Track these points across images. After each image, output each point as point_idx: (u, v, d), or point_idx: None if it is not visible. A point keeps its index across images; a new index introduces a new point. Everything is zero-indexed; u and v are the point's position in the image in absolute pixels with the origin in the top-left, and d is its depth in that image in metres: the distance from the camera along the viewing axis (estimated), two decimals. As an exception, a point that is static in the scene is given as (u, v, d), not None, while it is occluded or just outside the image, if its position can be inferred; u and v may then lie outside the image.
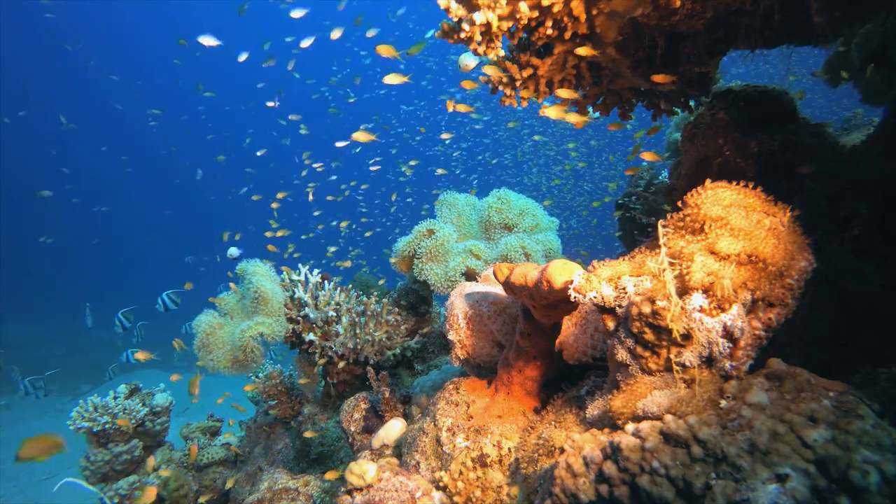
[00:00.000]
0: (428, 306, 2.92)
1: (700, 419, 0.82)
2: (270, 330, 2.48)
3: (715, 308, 0.91)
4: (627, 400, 0.95)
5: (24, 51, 25.98)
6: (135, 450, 3.14)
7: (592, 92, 1.70)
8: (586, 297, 1.05)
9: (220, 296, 2.71)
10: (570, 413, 1.24)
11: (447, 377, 1.93)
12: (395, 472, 1.45)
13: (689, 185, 1.28)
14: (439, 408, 1.56)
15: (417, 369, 2.80)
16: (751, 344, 0.94)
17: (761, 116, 1.60)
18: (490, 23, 1.28)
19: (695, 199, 1.05)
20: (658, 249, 1.00)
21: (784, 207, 1.03)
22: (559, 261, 1.16)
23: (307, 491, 2.17)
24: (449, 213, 2.95)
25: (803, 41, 1.49)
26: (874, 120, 2.78)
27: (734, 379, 0.91)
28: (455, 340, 1.66)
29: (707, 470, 0.77)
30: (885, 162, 1.48)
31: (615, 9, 1.32)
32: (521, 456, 1.28)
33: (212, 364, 2.49)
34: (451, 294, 1.73)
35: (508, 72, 1.56)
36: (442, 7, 1.31)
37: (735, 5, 1.34)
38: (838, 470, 0.71)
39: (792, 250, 0.97)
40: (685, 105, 1.75)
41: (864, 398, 0.82)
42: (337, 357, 2.63)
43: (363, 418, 2.14)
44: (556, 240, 2.74)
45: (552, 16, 1.33)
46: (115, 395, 3.21)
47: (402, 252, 2.71)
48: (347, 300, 2.71)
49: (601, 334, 1.29)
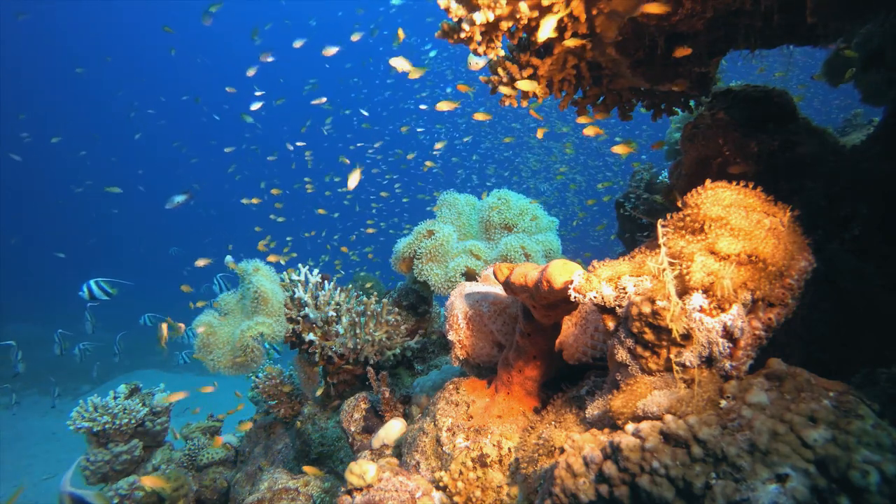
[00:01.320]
0: (428, 306, 2.92)
1: (700, 419, 0.82)
2: (270, 330, 2.48)
3: (715, 308, 0.91)
4: (627, 400, 0.95)
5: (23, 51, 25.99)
6: (135, 450, 3.14)
7: (592, 92, 1.70)
8: (586, 297, 1.05)
9: (220, 296, 2.71)
10: (570, 413, 1.24)
11: (447, 377, 1.93)
12: (395, 472, 1.45)
13: (689, 185, 1.28)
14: (439, 408, 1.56)
15: (417, 369, 2.80)
16: (751, 344, 0.94)
17: (761, 116, 1.60)
18: (490, 22, 1.28)
19: (695, 199, 1.05)
20: (658, 249, 1.00)
21: (784, 207, 1.03)
22: (559, 261, 1.16)
23: (307, 491, 2.17)
24: (449, 213, 2.94)
25: (803, 41, 1.49)
26: (874, 120, 2.78)
27: (734, 379, 0.91)
28: (455, 340, 1.66)
29: (707, 470, 0.77)
30: (885, 162, 1.48)
31: (615, 9, 1.32)
32: (521, 456, 1.28)
33: (212, 364, 2.49)
34: (451, 294, 1.73)
35: (509, 72, 1.56)
36: (442, 7, 1.32)
37: (735, 5, 1.34)
38: (838, 470, 0.71)
39: (792, 250, 0.97)
40: (685, 105, 1.75)
41: (864, 398, 0.82)
42: (337, 357, 2.63)
43: (363, 418, 2.14)
44: (556, 240, 2.74)
45: (552, 16, 1.33)
46: (115, 395, 3.21)
47: (403, 253, 2.71)
48: (347, 300, 2.71)
49: (601, 334, 1.29)
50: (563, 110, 1.74)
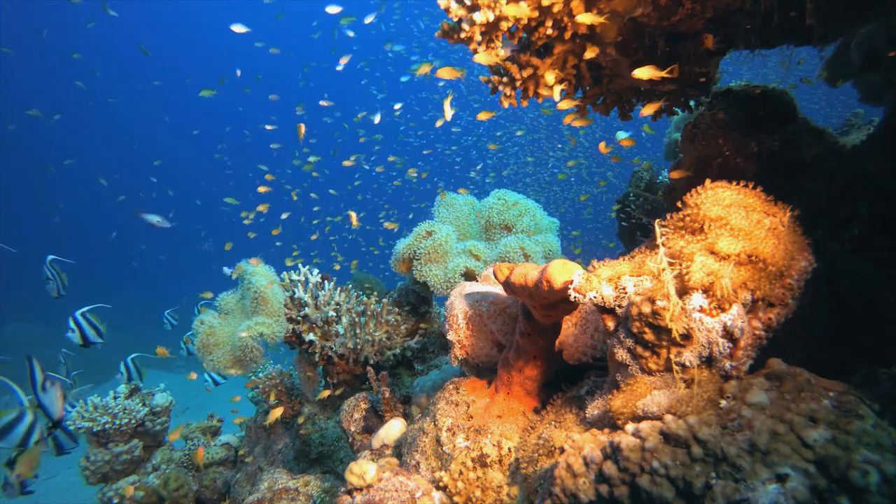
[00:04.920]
0: (428, 306, 2.92)
1: (700, 419, 0.82)
2: (270, 330, 2.48)
3: (715, 308, 0.91)
4: (627, 400, 0.95)
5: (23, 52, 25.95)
6: (135, 450, 3.14)
7: (592, 92, 1.70)
8: (586, 297, 1.05)
9: (219, 296, 2.71)
10: (570, 413, 1.24)
11: (447, 377, 1.93)
12: (395, 472, 1.45)
13: (689, 185, 1.28)
14: (439, 408, 1.56)
15: (417, 369, 2.80)
16: (751, 344, 0.94)
17: (761, 116, 1.60)
18: (490, 22, 1.28)
19: (694, 199, 1.05)
20: (657, 249, 1.00)
21: (784, 207, 1.03)
22: (559, 261, 1.16)
23: (307, 491, 2.17)
24: (448, 213, 2.94)
25: (803, 42, 1.49)
26: (874, 120, 2.78)
27: (734, 379, 0.91)
28: (454, 340, 1.66)
29: (707, 470, 0.77)
30: (885, 162, 1.48)
31: (615, 9, 1.32)
32: (521, 456, 1.28)
33: (212, 364, 2.49)
34: (451, 294, 1.73)
35: (509, 72, 1.56)
36: (442, 7, 1.32)
37: (735, 5, 1.34)
38: (838, 470, 0.71)
39: (792, 250, 0.97)
40: (685, 105, 1.75)
41: (864, 398, 0.82)
42: (337, 357, 2.63)
43: (363, 418, 2.14)
44: (556, 241, 2.73)
45: (552, 16, 1.33)
46: (115, 395, 3.21)
47: (402, 254, 2.70)
48: (347, 300, 2.71)
49: (601, 334, 1.29)
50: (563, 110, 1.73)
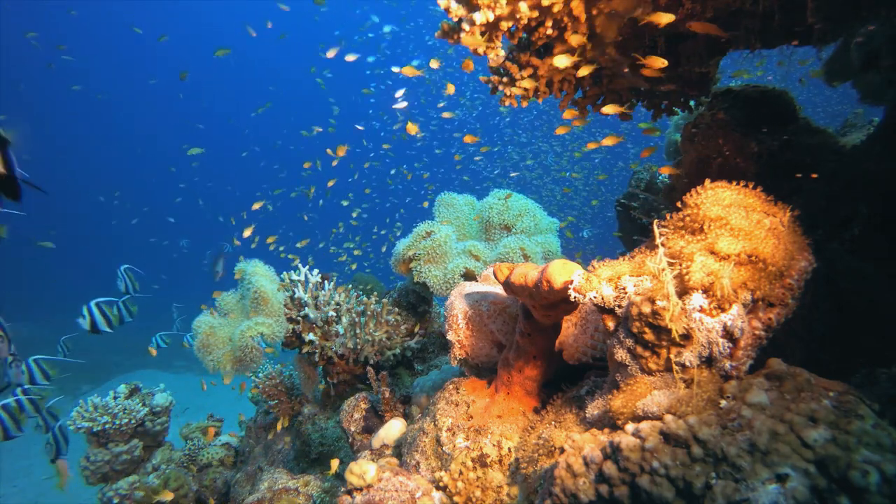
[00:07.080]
0: (428, 306, 2.92)
1: (700, 419, 0.82)
2: (270, 330, 2.48)
3: (715, 308, 0.91)
4: (627, 400, 0.95)
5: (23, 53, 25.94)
6: (135, 450, 3.14)
7: (592, 92, 1.70)
8: (586, 297, 1.05)
9: (220, 296, 2.71)
10: (570, 413, 1.24)
11: (447, 377, 1.93)
12: (395, 472, 1.45)
13: (689, 185, 1.28)
14: (439, 408, 1.56)
15: (417, 369, 2.80)
16: (751, 344, 0.94)
17: (761, 116, 1.60)
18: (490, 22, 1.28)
19: (694, 199, 1.05)
20: (657, 249, 1.00)
21: (784, 207, 1.03)
22: (559, 261, 1.16)
23: (307, 491, 2.17)
24: (447, 213, 2.94)
25: (803, 42, 1.49)
26: (874, 120, 2.78)
27: (734, 379, 0.91)
28: (454, 340, 1.65)
29: (707, 470, 0.77)
30: (885, 162, 1.48)
31: (615, 9, 1.32)
32: (521, 456, 1.28)
33: (212, 365, 2.49)
34: (451, 294, 1.73)
35: (509, 72, 1.56)
36: (442, 7, 1.32)
37: (735, 5, 1.34)
38: (838, 470, 0.71)
39: (792, 250, 0.97)
40: (685, 105, 1.75)
41: (864, 398, 0.82)
42: (337, 357, 2.63)
43: (363, 418, 2.14)
44: (556, 241, 2.73)
45: (552, 16, 1.33)
46: (115, 395, 3.21)
47: (402, 254, 2.70)
48: (347, 300, 2.70)
49: (601, 334, 1.29)
50: (563, 110, 1.73)
